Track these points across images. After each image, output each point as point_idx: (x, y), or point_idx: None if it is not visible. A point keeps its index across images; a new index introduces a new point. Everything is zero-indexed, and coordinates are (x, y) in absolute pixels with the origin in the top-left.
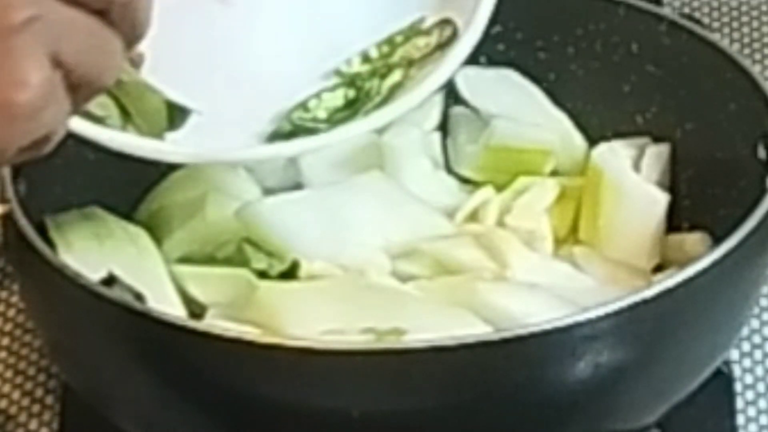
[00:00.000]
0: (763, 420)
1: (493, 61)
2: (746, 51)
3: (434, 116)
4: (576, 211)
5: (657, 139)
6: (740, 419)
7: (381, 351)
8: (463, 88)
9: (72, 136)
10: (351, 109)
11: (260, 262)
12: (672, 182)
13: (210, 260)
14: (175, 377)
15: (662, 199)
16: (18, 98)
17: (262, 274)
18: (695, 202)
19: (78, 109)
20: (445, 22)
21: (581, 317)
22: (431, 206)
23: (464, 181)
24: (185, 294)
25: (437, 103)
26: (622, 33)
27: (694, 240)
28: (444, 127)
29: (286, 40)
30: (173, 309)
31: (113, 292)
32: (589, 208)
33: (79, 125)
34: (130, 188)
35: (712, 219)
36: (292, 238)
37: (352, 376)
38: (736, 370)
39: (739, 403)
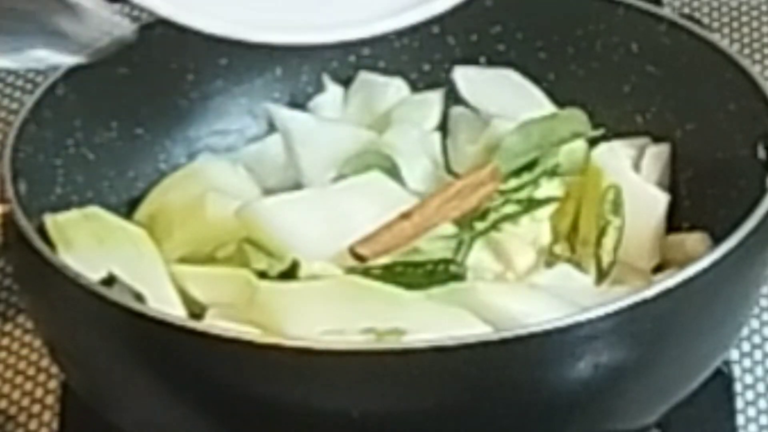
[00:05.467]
0: (763, 420)
1: (493, 61)
2: (746, 51)
3: (434, 116)
4: (576, 211)
5: (657, 139)
6: (740, 419)
7: (381, 351)
8: (463, 88)
9: (72, 137)
10: None
11: (260, 262)
12: (672, 182)
13: (210, 260)
14: (175, 377)
15: (662, 199)
16: None
17: (262, 274)
18: (695, 202)
19: None
20: None
21: (581, 317)
22: None
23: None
24: (185, 294)
25: (437, 103)
26: (622, 33)
27: (694, 240)
28: (444, 127)
29: None
30: (173, 309)
31: (113, 292)
32: (589, 208)
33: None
34: (130, 188)
35: (712, 219)
36: (292, 238)
37: (352, 376)
38: (736, 370)
39: (739, 403)
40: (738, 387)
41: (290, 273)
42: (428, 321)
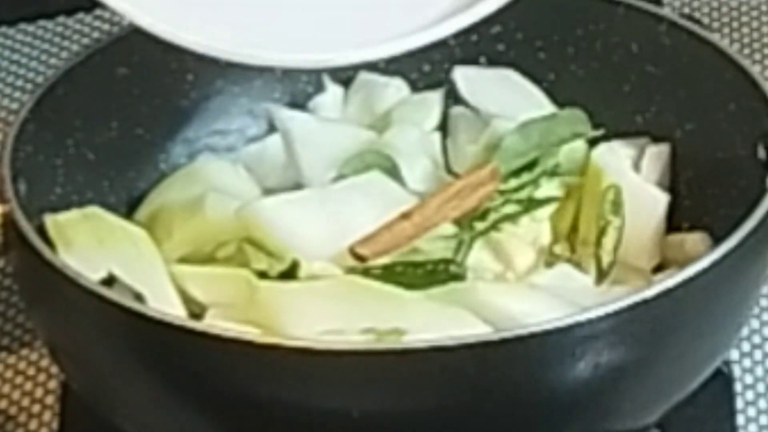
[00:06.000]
0: (763, 420)
1: (493, 61)
2: (746, 51)
3: (434, 116)
4: (576, 211)
5: (657, 139)
6: (740, 419)
7: (381, 351)
8: (463, 88)
9: (72, 137)
10: None
11: (260, 262)
12: (672, 182)
13: (210, 260)
14: (175, 377)
15: (662, 199)
16: None
17: (262, 274)
18: (695, 202)
19: None
20: None
21: (581, 317)
22: None
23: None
24: (185, 294)
25: (437, 103)
26: (622, 33)
27: (694, 240)
28: (444, 127)
29: None
30: (173, 309)
31: (113, 292)
32: (589, 208)
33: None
34: (130, 188)
35: (712, 219)
36: (292, 238)
37: (352, 376)
38: (736, 370)
39: (739, 403)
40: (738, 387)
41: (290, 273)
42: (428, 321)
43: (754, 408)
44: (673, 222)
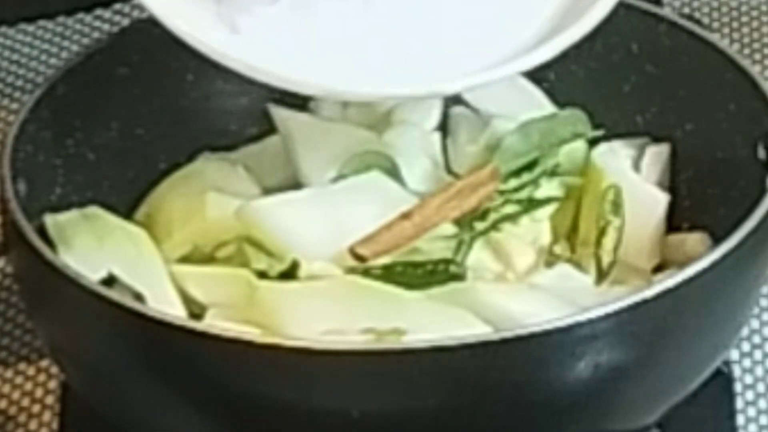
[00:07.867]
0: (763, 420)
1: None
2: (746, 51)
3: (434, 116)
4: (576, 211)
5: (657, 139)
6: (740, 419)
7: (381, 351)
8: None
9: (72, 137)
10: None
11: (260, 262)
12: (672, 182)
13: (210, 260)
14: (175, 377)
15: (662, 199)
16: None
17: (262, 274)
18: (695, 202)
19: None
20: None
21: (581, 317)
22: None
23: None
24: (185, 294)
25: (437, 103)
26: (622, 33)
27: (694, 240)
28: (444, 127)
29: None
30: (173, 309)
31: (113, 292)
32: (589, 208)
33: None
34: (130, 188)
35: (712, 219)
36: (292, 238)
37: (352, 376)
38: (736, 370)
39: (739, 403)
40: (738, 387)
41: (290, 273)
42: (428, 321)
43: (754, 408)
44: (673, 222)
